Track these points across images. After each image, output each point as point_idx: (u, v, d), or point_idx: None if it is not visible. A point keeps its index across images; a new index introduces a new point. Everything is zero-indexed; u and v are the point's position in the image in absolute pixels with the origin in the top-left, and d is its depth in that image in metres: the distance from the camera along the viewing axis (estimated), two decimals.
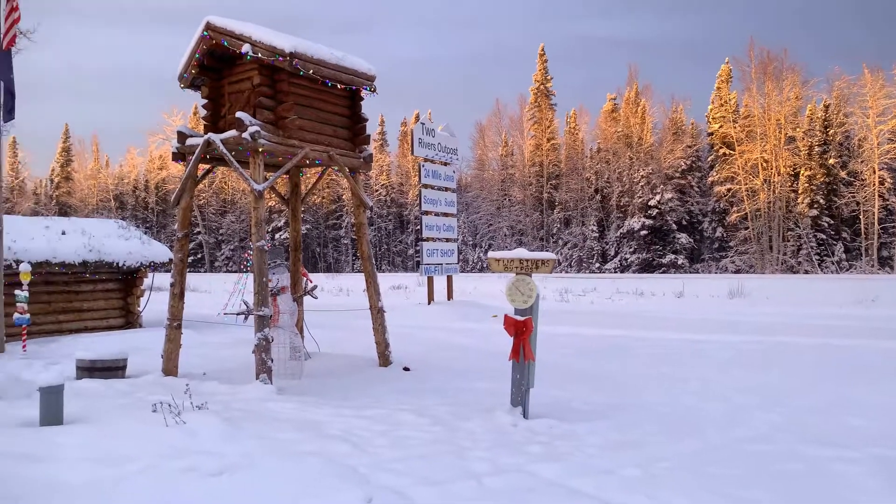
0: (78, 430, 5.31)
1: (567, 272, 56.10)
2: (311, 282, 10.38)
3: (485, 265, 61.64)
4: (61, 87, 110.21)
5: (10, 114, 11.70)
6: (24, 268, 11.28)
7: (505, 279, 28.10)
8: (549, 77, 63.77)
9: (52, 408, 5.54)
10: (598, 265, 57.44)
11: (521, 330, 6.31)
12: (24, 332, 11.06)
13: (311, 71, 8.26)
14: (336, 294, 27.68)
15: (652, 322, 16.03)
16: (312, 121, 8.86)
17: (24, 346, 10.93)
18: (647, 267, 54.50)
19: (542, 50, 63.98)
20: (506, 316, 6.43)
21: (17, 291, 11.15)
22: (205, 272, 63.55)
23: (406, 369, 9.41)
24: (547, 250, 58.66)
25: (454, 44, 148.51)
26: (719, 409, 7.07)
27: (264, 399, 6.95)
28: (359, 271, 65.87)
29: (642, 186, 55.99)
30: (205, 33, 8.29)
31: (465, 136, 72.29)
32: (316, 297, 10.61)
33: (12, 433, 5.26)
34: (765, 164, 51.80)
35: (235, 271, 63.51)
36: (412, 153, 19.05)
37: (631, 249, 55.77)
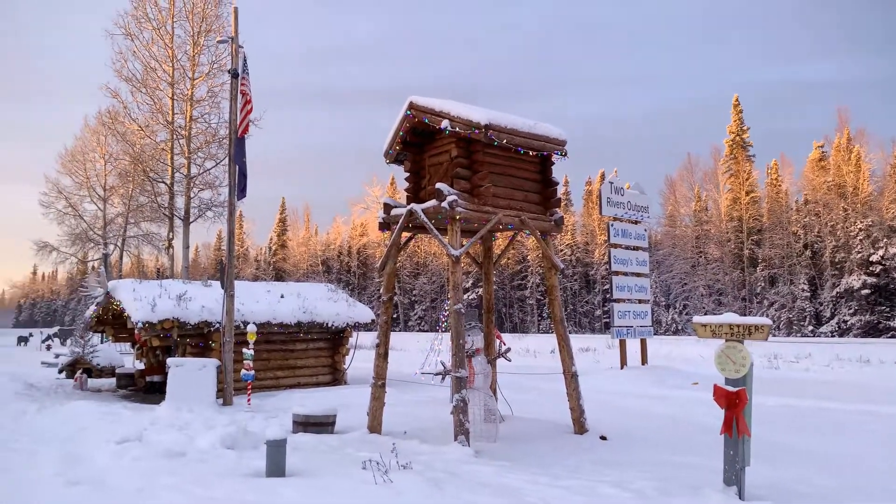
0: (298, 483, 5.73)
1: (775, 335, 51.20)
2: (504, 344, 10.48)
3: (680, 327, 58.26)
4: (279, 164, 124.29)
5: (242, 192, 13.41)
6: (251, 328, 12.63)
7: (709, 344, 26.28)
8: (745, 128, 60.32)
9: (276, 460, 6.05)
10: (811, 328, 51.83)
11: (733, 402, 5.83)
12: (249, 386, 12.30)
13: (505, 140, 8.56)
14: (523, 355, 27.60)
15: (881, 395, 14.02)
16: (505, 187, 9.12)
17: (248, 400, 12.14)
18: (871, 330, 48.13)
19: (737, 100, 60.88)
20: (716, 386, 5.99)
21: (244, 350, 12.50)
22: (399, 331, 66.74)
23: (603, 438, 9.06)
24: (750, 311, 54.17)
25: (636, 100, 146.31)
26: None
27: (463, 461, 7.03)
28: (545, 332, 65.35)
29: (861, 240, 50.15)
30: (408, 112, 8.96)
31: (654, 191, 69.89)
32: (509, 360, 10.67)
33: (244, 482, 5.81)
34: None
35: (428, 331, 66.03)
36: (600, 213, 18.80)
37: (850, 310, 49.73)
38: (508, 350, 10.36)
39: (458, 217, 8.38)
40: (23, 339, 44.66)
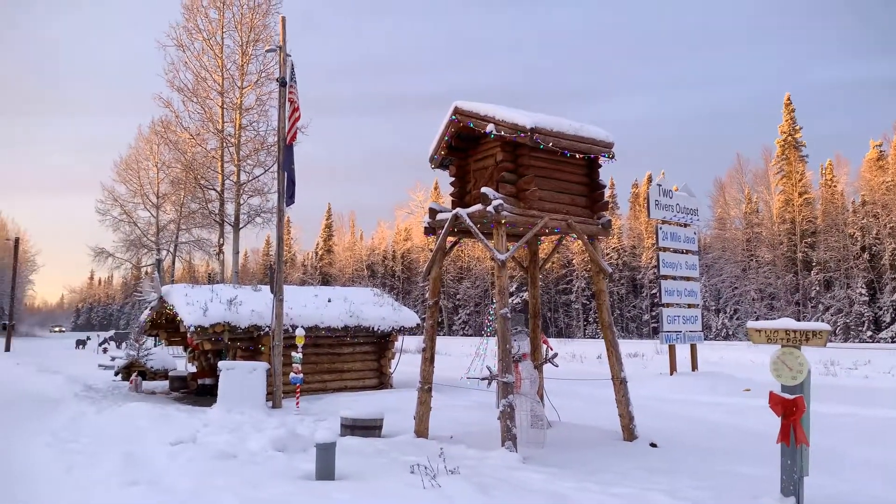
0: (348, 486, 5.79)
1: (831, 341, 49.51)
2: (551, 349, 10.40)
3: (730, 332, 56.86)
4: (325, 171, 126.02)
5: (291, 199, 13.63)
6: (300, 332, 12.81)
7: (761, 350, 25.56)
8: (797, 127, 58.59)
9: (326, 463, 6.12)
10: (869, 334, 49.97)
11: (790, 410, 5.66)
12: (298, 390, 12.47)
13: (551, 143, 8.50)
14: (569, 360, 27.31)
15: None
16: (551, 191, 9.05)
17: (297, 403, 12.31)
18: None
19: (788, 99, 59.21)
20: (772, 393, 5.82)
21: (293, 353, 12.69)
22: (444, 335, 66.86)
23: (653, 445, 8.89)
24: (805, 316, 52.52)
25: (682, 101, 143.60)
26: None
27: (511, 467, 6.99)
28: (591, 337, 64.59)
29: None
30: (453, 117, 8.99)
31: (702, 193, 68.46)
32: (557, 366, 10.58)
33: (295, 485, 5.89)
34: None
35: (472, 335, 65.98)
36: (648, 216, 18.49)
37: None
38: (556, 355, 10.27)
39: (503, 221, 8.35)
40: (81, 343, 46.26)
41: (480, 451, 7.80)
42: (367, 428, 9.17)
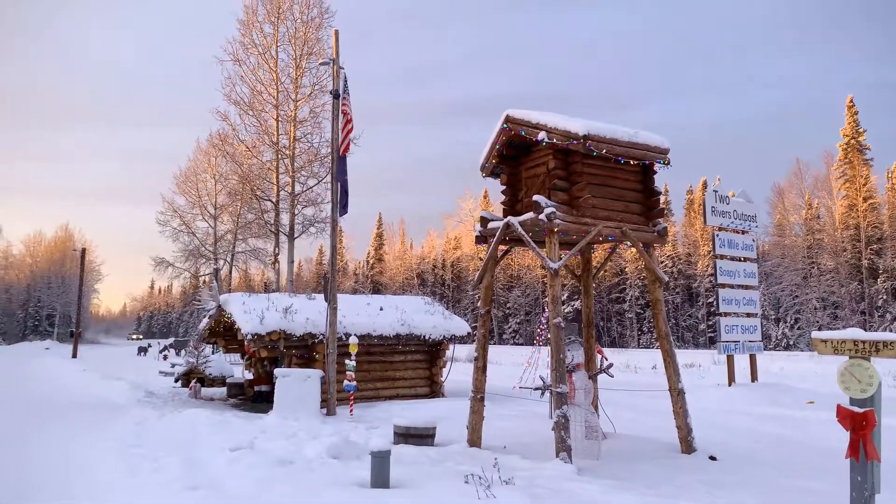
0: (402, 495, 5.81)
1: None
2: (606, 359, 10.25)
3: (791, 342, 54.95)
4: (376, 180, 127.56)
5: (344, 209, 13.83)
6: (353, 340, 12.96)
7: (825, 361, 24.63)
8: (860, 130, 56.41)
9: (381, 471, 6.16)
10: None
11: (860, 424, 5.42)
12: (352, 397, 12.60)
13: (604, 150, 8.41)
14: (623, 371, 26.83)
15: None
16: (605, 198, 8.94)
17: (350, 411, 12.44)
18: None
19: (851, 101, 57.08)
20: (839, 407, 5.59)
21: (347, 361, 12.84)
22: (494, 344, 66.60)
23: (713, 458, 8.65)
24: (871, 326, 50.38)
25: (738, 105, 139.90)
26: None
27: (566, 478, 6.90)
28: (645, 347, 63.35)
29: None
30: (504, 125, 8.98)
31: (759, 199, 66.53)
32: (612, 376, 10.41)
33: (350, 492, 5.95)
34: None
35: (523, 344, 65.52)
36: (704, 223, 18.08)
37: None
38: (611, 366, 10.11)
39: (556, 229, 8.29)
40: (142, 350, 47.85)
41: (534, 462, 7.73)
42: (420, 436, 9.19)
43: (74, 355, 40.03)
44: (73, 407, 14.44)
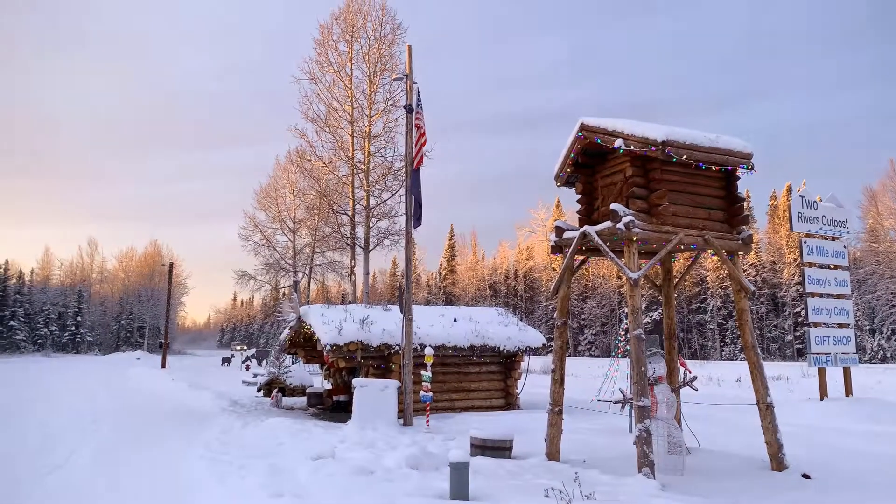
0: None
1: None
2: (689, 372, 9.92)
3: (888, 354, 51.68)
4: (448, 192, 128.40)
5: (418, 221, 13.97)
6: (429, 351, 13.04)
7: None
8: None
9: (460, 483, 6.15)
10: None
11: None
12: (428, 408, 12.66)
13: (684, 156, 8.18)
14: (705, 384, 25.90)
15: None
16: (685, 205, 8.68)
17: (427, 421, 12.49)
18: None
19: None
20: None
21: (422, 372, 12.92)
22: (569, 356, 65.54)
23: (806, 476, 8.21)
24: None
25: (823, 106, 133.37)
26: None
27: (649, 494, 6.70)
28: (727, 359, 60.98)
29: None
30: (579, 134, 8.87)
31: (850, 203, 63.02)
32: (696, 390, 10.06)
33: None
34: None
35: (599, 356, 64.31)
36: (790, 229, 17.27)
37: None
38: (695, 378, 9.77)
39: (635, 238, 8.10)
40: (226, 360, 49.61)
41: (616, 477, 7.54)
42: (497, 448, 9.13)
43: (163, 365, 41.90)
44: (164, 415, 15.12)
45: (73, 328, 75.63)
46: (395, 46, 25.42)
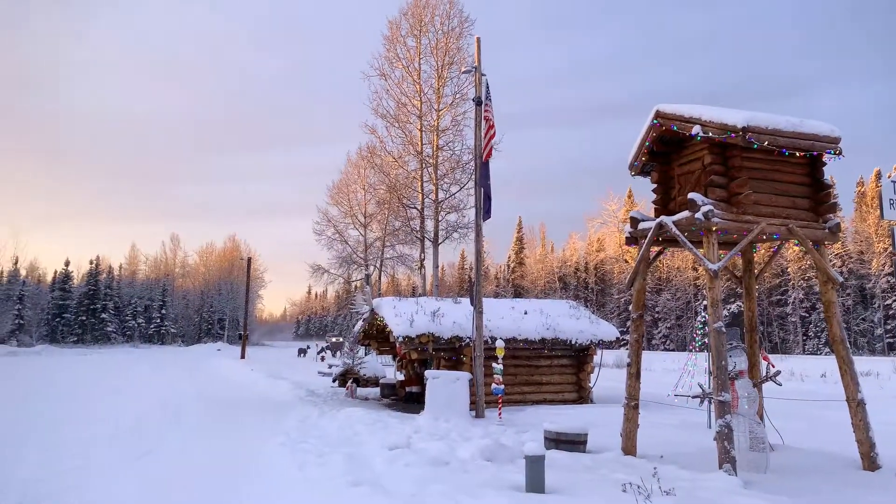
0: (560, 501, 5.74)
1: None
2: (773, 366, 9.55)
3: None
4: (515, 184, 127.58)
5: (487, 214, 13.96)
6: (500, 343, 13.03)
7: None
8: None
9: (536, 476, 6.13)
10: None
11: None
12: (500, 401, 12.67)
13: (766, 142, 7.86)
14: (787, 379, 24.80)
15: None
16: (768, 193, 8.35)
17: (499, 414, 12.51)
18: None
19: None
20: None
21: (493, 364, 12.93)
22: (644, 350, 64.14)
23: None
24: None
25: None
26: None
27: (731, 492, 6.50)
28: (810, 353, 58.35)
29: None
30: (655, 121, 8.65)
31: None
32: (780, 384, 9.68)
33: (507, 496, 5.97)
34: None
35: (674, 350, 62.75)
36: (881, 217, 16.31)
37: None
38: (778, 373, 9.40)
39: (714, 228, 7.85)
40: (302, 351, 51.06)
41: (695, 473, 7.35)
42: (571, 442, 9.05)
43: (243, 356, 43.47)
44: (245, 403, 15.71)
45: (158, 320, 79.39)
46: (462, 39, 25.41)
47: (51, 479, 7.46)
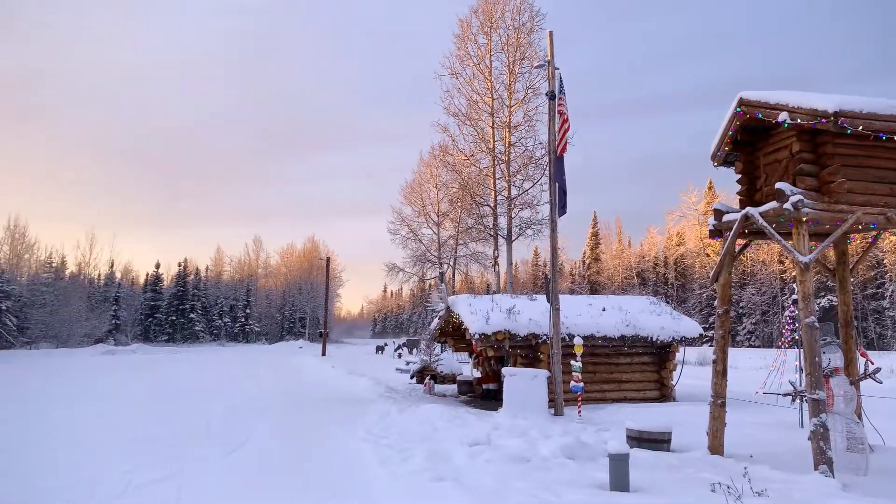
0: (646, 500, 5.63)
1: None
2: (871, 363, 9.05)
3: None
4: (589, 179, 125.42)
5: (563, 209, 13.81)
6: (578, 341, 12.88)
7: None
8: None
9: (620, 475, 6.04)
10: None
11: None
12: (580, 398, 12.52)
13: (860, 127, 7.45)
14: (885, 376, 23.44)
15: None
16: (862, 181, 7.91)
17: (579, 412, 12.36)
18: None
19: None
20: None
21: (572, 362, 12.79)
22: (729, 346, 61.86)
23: None
24: None
25: None
26: None
27: (828, 494, 6.21)
28: None
29: None
30: (738, 109, 8.34)
31: None
32: (880, 382, 9.17)
33: (591, 494, 5.91)
34: None
35: (759, 346, 60.31)
36: None
37: None
38: (878, 370, 8.90)
39: (804, 219, 7.51)
40: (380, 348, 51.96)
41: (788, 474, 7.06)
42: (654, 441, 8.86)
43: (323, 353, 44.61)
44: (327, 400, 16.13)
45: (242, 319, 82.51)
46: (533, 34, 25.19)
47: (150, 467, 7.89)
